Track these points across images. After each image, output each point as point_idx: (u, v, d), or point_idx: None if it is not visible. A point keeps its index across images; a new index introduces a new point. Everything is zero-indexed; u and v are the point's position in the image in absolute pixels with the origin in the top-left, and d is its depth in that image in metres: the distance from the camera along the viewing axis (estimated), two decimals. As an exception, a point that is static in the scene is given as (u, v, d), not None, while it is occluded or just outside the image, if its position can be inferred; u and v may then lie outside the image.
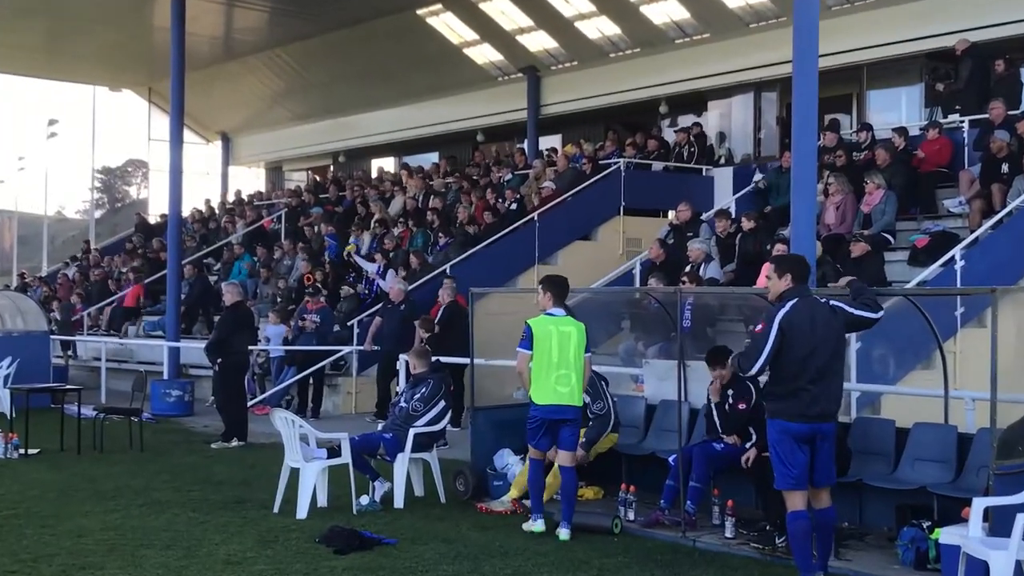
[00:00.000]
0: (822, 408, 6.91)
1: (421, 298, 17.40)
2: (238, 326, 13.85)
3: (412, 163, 28.66)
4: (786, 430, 6.91)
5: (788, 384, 6.92)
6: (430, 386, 10.12)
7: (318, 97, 31.22)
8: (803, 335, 6.92)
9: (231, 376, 13.85)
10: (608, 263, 18.14)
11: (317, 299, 17.36)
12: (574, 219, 19.46)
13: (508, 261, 18.61)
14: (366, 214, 22.68)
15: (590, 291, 12.54)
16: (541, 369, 8.64)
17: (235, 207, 28.61)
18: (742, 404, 8.88)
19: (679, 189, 19.51)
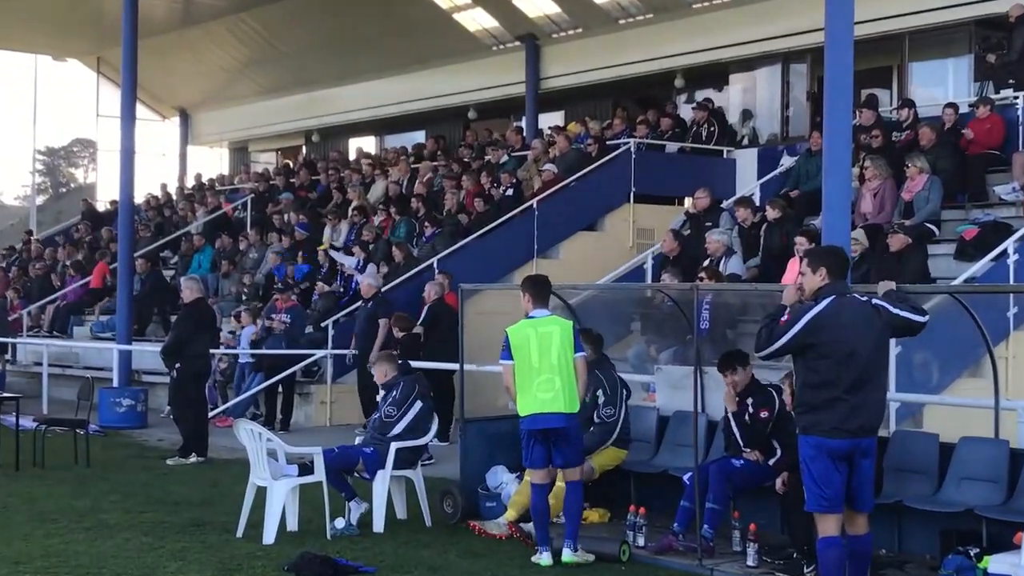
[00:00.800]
0: (862, 421, 6.87)
1: (405, 296, 17.40)
2: (198, 326, 13.84)
3: (395, 143, 28.66)
4: (822, 447, 6.87)
5: (823, 393, 6.87)
6: (400, 387, 10.16)
7: (288, 68, 31.21)
8: (839, 337, 6.88)
9: (190, 383, 13.85)
10: (616, 257, 18.14)
11: (288, 296, 17.35)
12: (578, 207, 19.46)
13: (503, 254, 18.61)
14: (342, 200, 22.69)
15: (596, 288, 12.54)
16: (523, 377, 8.66)
17: (195, 193, 28.62)
18: (764, 412, 8.90)
19: (696, 173, 19.52)
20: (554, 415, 8.59)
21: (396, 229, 20.14)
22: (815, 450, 6.89)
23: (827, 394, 6.87)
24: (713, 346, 12.24)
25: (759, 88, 22.63)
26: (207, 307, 14.73)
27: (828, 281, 7.06)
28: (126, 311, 18.92)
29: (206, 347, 14.05)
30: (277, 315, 17.09)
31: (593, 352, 9.78)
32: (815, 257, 7.25)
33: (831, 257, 7.23)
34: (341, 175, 24.60)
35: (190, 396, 13.89)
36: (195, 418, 13.89)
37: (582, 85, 25.07)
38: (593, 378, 9.69)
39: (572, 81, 25.16)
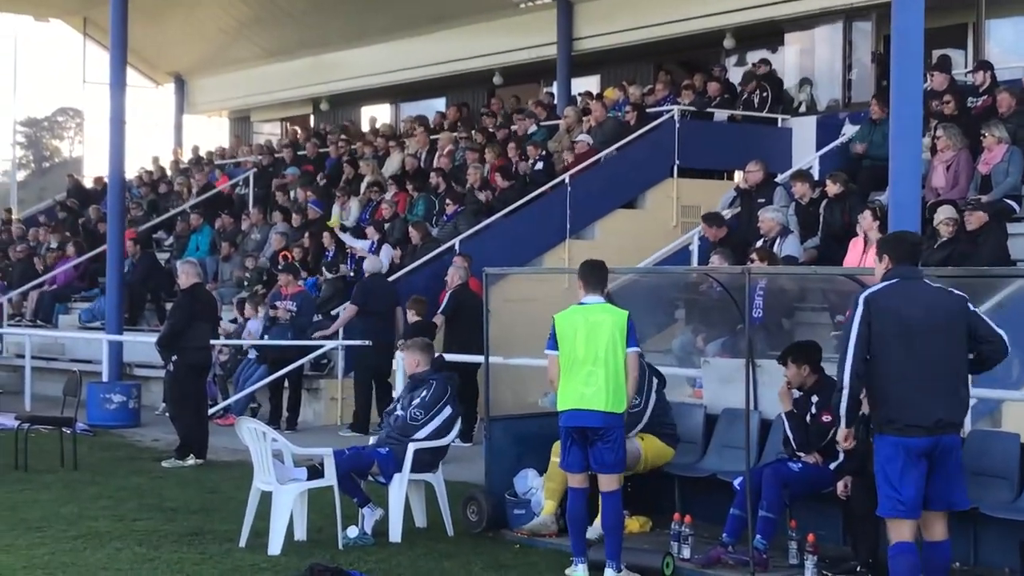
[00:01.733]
0: (940, 415, 6.89)
1: (422, 281, 17.43)
2: (195, 315, 13.90)
3: (412, 112, 28.65)
4: (899, 446, 6.88)
5: (893, 386, 6.91)
6: (432, 389, 10.15)
7: (294, 29, 31.24)
8: (900, 321, 6.93)
9: (188, 378, 13.91)
10: (658, 237, 18.11)
11: (294, 282, 17.40)
12: (615, 182, 19.43)
13: (532, 235, 18.62)
14: (354, 176, 22.72)
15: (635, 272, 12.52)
16: (566, 369, 8.63)
17: (192, 167, 28.71)
18: (828, 416, 8.85)
19: (748, 144, 19.43)
20: (593, 413, 8.51)
21: (413, 207, 20.16)
22: (892, 449, 6.89)
23: (899, 387, 6.89)
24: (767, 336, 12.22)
25: (818, 49, 22.47)
26: (206, 293, 14.79)
27: (891, 267, 7.16)
28: (116, 298, 19.04)
29: (205, 338, 14.11)
30: (282, 302, 17.13)
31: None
32: (879, 246, 7.41)
33: (894, 244, 7.32)
34: (352, 147, 24.61)
35: (187, 392, 13.94)
36: (193, 416, 13.95)
37: (620, 46, 24.96)
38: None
39: (609, 42, 25.06)
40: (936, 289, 7.13)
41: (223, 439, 14.56)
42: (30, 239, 27.24)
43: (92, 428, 16.53)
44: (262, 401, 17.41)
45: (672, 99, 21.02)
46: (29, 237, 27.35)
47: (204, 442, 13.94)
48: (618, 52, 25.20)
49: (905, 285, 7.05)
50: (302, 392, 17.06)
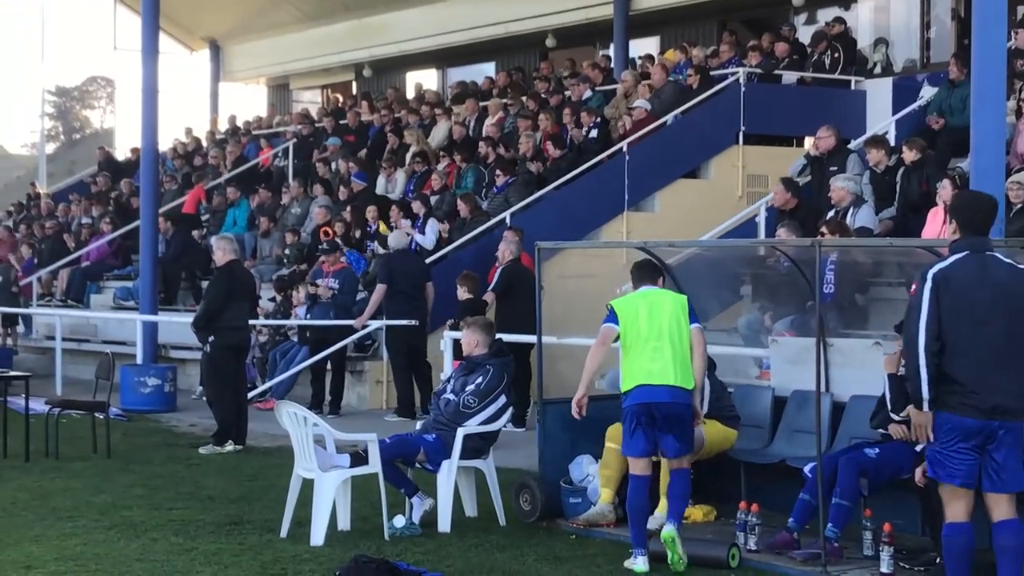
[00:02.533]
0: (999, 401, 6.94)
1: (471, 257, 17.48)
2: (232, 293, 13.99)
3: (460, 77, 28.63)
4: (952, 426, 6.98)
5: (953, 364, 6.97)
6: (489, 375, 10.15)
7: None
8: (969, 299, 6.96)
9: (225, 359, 14.02)
10: (722, 208, 18.04)
11: (336, 258, 17.46)
12: (677, 150, 19.37)
13: (588, 207, 18.61)
14: (399, 145, 22.77)
15: (698, 246, 12.47)
16: (629, 348, 8.75)
17: (228, 138, 28.88)
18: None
19: (819, 109, 19.29)
20: (662, 388, 8.59)
21: (463, 179, 20.17)
22: (946, 430, 7.00)
23: (960, 367, 6.95)
24: (839, 314, 12.14)
25: (894, 6, 22.27)
26: (243, 271, 14.88)
27: (960, 236, 7.15)
28: (150, 276, 19.18)
29: (243, 317, 14.20)
30: (324, 280, 17.21)
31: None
32: (949, 209, 7.42)
33: (965, 208, 7.29)
34: (397, 115, 24.65)
35: (224, 374, 14.05)
36: (231, 400, 14.06)
37: (681, 5, 24.82)
38: None
39: (670, 0, 24.93)
40: (1008, 265, 7.12)
41: (263, 424, 14.67)
42: (60, 215, 27.54)
43: (126, 413, 16.70)
44: (303, 384, 17.51)
45: (737, 61, 20.90)
46: (59, 212, 27.65)
47: (243, 427, 14.05)
48: (679, 11, 25.06)
49: (974, 259, 7.06)
50: (345, 375, 17.15)
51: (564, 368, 12.93)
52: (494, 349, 10.36)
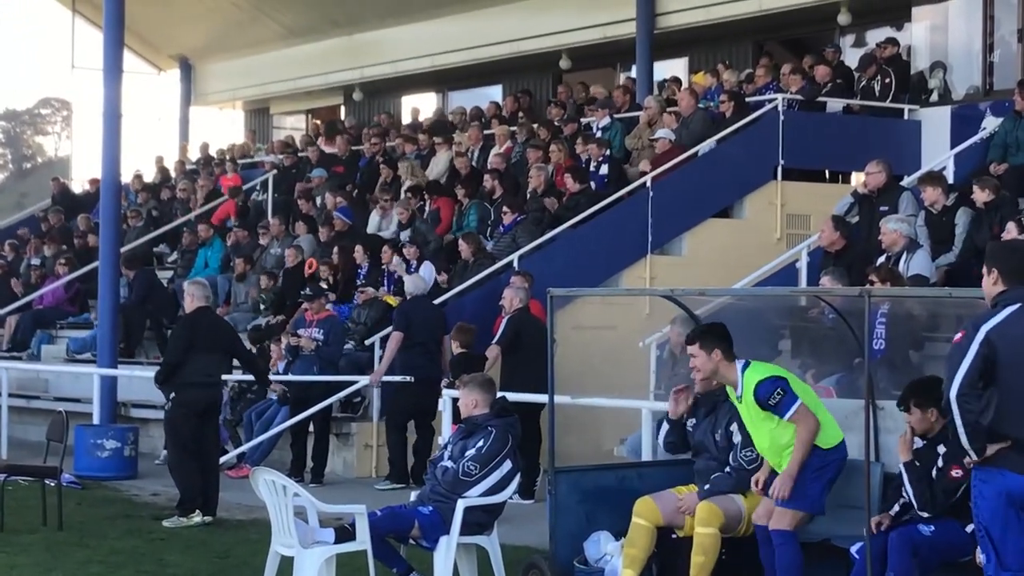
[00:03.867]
0: None
1: (473, 305, 17.47)
2: (197, 344, 13.99)
3: (462, 102, 28.73)
4: (1004, 490, 7.03)
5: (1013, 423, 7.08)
6: (491, 438, 10.15)
7: (322, 4, 31.47)
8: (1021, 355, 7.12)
9: (185, 419, 13.99)
10: (759, 252, 18.07)
11: (320, 305, 17.46)
12: (707, 186, 19.40)
13: (607, 249, 18.63)
14: (392, 178, 22.82)
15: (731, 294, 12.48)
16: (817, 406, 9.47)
17: (200, 168, 28.95)
18: (957, 471, 8.76)
19: (868, 140, 19.36)
20: None
21: (465, 217, 20.21)
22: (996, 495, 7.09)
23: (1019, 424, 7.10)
24: (891, 372, 12.10)
25: (952, 26, 22.31)
26: (214, 319, 14.86)
27: (1005, 287, 7.35)
28: (110, 324, 19.17)
29: (209, 371, 14.15)
30: (306, 330, 17.22)
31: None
32: (989, 257, 7.54)
33: (1006, 256, 7.48)
34: (391, 144, 24.72)
35: (184, 436, 14.02)
36: (192, 465, 14.03)
37: (713, 23, 24.93)
38: (725, 409, 9.85)
39: (699, 17, 25.02)
40: None
41: (236, 494, 14.62)
42: (6, 254, 27.51)
43: (80, 480, 16.63)
44: (282, 448, 17.47)
45: (775, 86, 20.96)
46: (6, 251, 27.63)
47: (212, 496, 14.00)
48: (710, 30, 25.17)
49: None
50: (330, 438, 17.13)
51: (578, 432, 12.94)
52: (496, 408, 10.35)
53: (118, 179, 20.02)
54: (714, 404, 10.01)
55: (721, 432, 9.89)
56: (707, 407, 10.08)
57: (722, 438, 9.94)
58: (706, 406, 10.09)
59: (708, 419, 10.04)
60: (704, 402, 10.11)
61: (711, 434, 9.99)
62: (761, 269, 16.63)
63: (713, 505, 9.59)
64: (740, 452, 9.90)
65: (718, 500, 9.66)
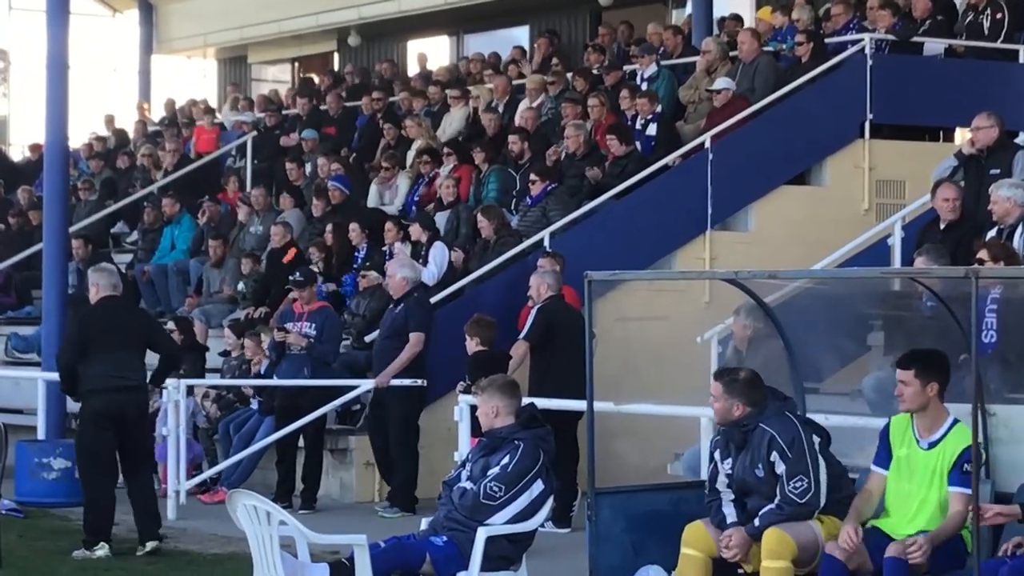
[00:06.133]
0: None
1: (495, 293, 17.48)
2: (98, 340, 14.07)
3: (481, 47, 28.71)
4: None
5: None
6: (519, 453, 10.17)
7: (310, -71, 31.51)
8: None
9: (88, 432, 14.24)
10: (842, 226, 18.08)
11: (312, 294, 17.47)
12: (779, 147, 19.35)
13: (656, 225, 18.61)
14: (398, 139, 22.80)
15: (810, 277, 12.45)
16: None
17: (164, 130, 28.96)
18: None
19: (975, 89, 19.28)
20: None
21: (484, 186, 20.17)
22: None
23: None
24: (1004, 371, 12.06)
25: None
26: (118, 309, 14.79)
27: None
28: (57, 319, 19.18)
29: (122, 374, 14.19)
30: (295, 324, 17.22)
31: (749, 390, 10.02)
32: None
33: None
34: (394, 99, 24.71)
35: (88, 452, 14.29)
36: (105, 485, 14.27)
37: (784, -52, 24.88)
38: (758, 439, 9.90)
39: (767, -59, 25.00)
40: None
41: (210, 522, 14.68)
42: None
43: (23, 506, 16.69)
44: (266, 467, 17.51)
45: (858, 24, 20.86)
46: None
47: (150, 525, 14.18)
48: (781, -44, 25.12)
49: None
50: (323, 455, 17.16)
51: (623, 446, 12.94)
52: (524, 418, 10.37)
53: (65, 144, 20.02)
54: (745, 435, 10.00)
55: (763, 465, 9.87)
56: (738, 440, 10.07)
57: (765, 471, 9.93)
58: (736, 440, 10.08)
59: (745, 454, 10.02)
60: (733, 435, 10.09)
61: (752, 470, 9.97)
62: (845, 247, 16.61)
63: (783, 533, 9.57)
64: (789, 484, 9.89)
65: (789, 527, 9.65)
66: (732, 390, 9.99)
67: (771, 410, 10.10)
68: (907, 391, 9.73)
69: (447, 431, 15.34)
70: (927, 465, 9.59)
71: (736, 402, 9.94)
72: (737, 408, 9.93)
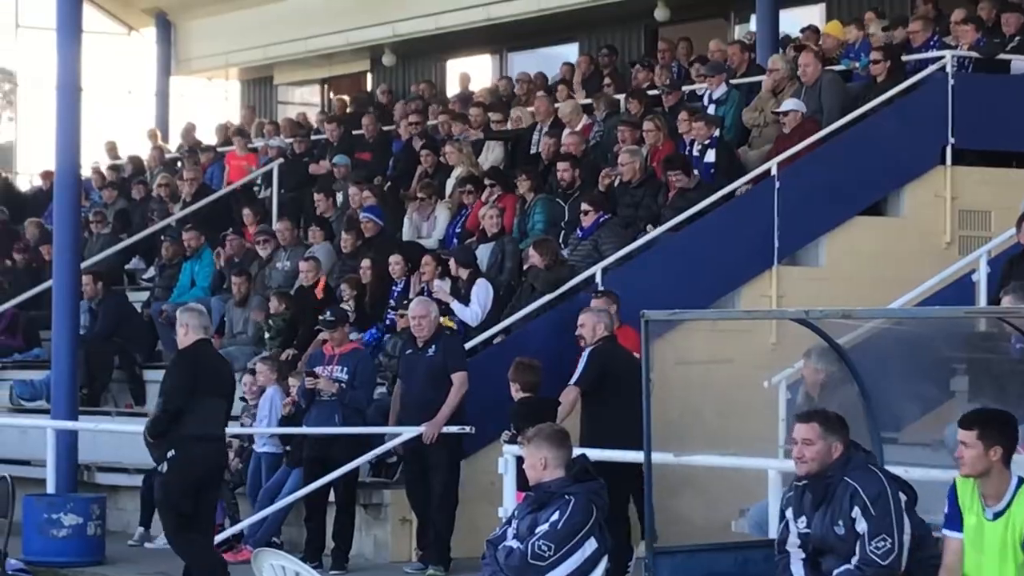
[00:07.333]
0: None
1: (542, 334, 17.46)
2: (200, 388, 14.09)
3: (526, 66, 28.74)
4: None
5: None
6: (570, 509, 10.16)
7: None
8: None
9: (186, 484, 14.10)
10: (922, 260, 18.08)
11: (344, 335, 17.49)
12: (851, 175, 19.30)
13: (719, 259, 18.59)
14: (436, 166, 22.82)
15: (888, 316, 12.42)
16: None
17: (184, 158, 29.02)
18: None
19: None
20: None
21: (529, 216, 20.16)
22: None
23: None
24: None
25: None
26: (214, 356, 14.90)
27: None
28: (67, 363, 19.22)
29: (217, 422, 14.27)
30: (326, 368, 17.23)
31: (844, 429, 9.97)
32: None
33: None
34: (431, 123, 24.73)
35: (183, 507, 14.12)
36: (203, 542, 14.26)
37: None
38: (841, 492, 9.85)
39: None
40: None
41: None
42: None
43: (31, 566, 16.70)
44: (294, 524, 17.50)
45: (939, 41, 20.82)
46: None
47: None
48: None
49: None
50: (356, 510, 17.16)
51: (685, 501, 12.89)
52: (575, 470, 10.35)
53: (77, 172, 20.10)
54: (826, 488, 9.93)
55: (843, 522, 9.80)
56: (817, 494, 9.99)
57: (846, 530, 9.87)
58: (816, 493, 10.00)
59: (825, 509, 9.95)
60: (814, 488, 10.02)
61: (832, 527, 9.91)
62: (925, 283, 16.59)
63: None
64: (870, 544, 9.82)
65: None
66: (830, 428, 9.88)
67: (855, 462, 10.03)
68: (968, 454, 9.56)
69: (489, 484, 15.36)
70: (995, 536, 9.50)
71: (835, 442, 9.82)
72: (836, 449, 9.83)
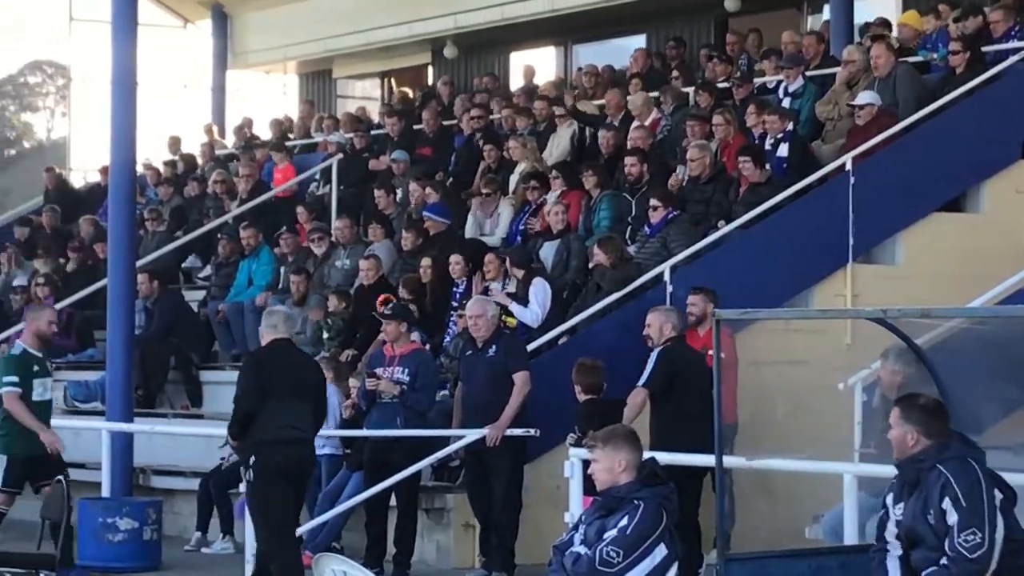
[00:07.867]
0: None
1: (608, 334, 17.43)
2: (269, 389, 14.19)
3: (592, 58, 28.73)
4: None
5: None
6: (639, 515, 10.15)
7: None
8: None
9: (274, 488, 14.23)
10: (1003, 257, 18.01)
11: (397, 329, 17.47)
12: (929, 169, 19.27)
13: (792, 257, 18.58)
14: (499, 162, 22.83)
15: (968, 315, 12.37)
16: None
17: (241, 153, 29.13)
18: None
19: None
20: None
21: (595, 213, 20.14)
22: None
23: None
24: None
25: None
26: (295, 355, 15.02)
27: None
28: (123, 364, 19.29)
29: (296, 425, 14.33)
30: (386, 369, 17.24)
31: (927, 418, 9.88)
32: None
33: None
34: (495, 117, 24.74)
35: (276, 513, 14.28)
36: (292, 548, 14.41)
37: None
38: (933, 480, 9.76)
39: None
40: None
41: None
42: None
43: (87, 571, 16.78)
44: (355, 529, 17.54)
45: (1021, 31, 20.72)
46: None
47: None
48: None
49: None
50: (418, 515, 17.21)
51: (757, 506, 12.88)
52: (644, 474, 10.34)
53: (133, 168, 20.22)
54: (918, 474, 9.88)
55: (935, 512, 9.73)
56: (910, 478, 9.94)
57: (937, 520, 9.81)
58: (909, 477, 9.95)
59: (916, 497, 9.90)
60: (905, 472, 9.97)
61: (923, 516, 9.86)
62: (1006, 281, 16.56)
63: None
64: (959, 536, 9.76)
65: None
66: (908, 415, 9.83)
67: (953, 451, 9.96)
68: None
69: (555, 488, 15.37)
70: None
71: (911, 430, 9.76)
72: (911, 437, 9.78)
